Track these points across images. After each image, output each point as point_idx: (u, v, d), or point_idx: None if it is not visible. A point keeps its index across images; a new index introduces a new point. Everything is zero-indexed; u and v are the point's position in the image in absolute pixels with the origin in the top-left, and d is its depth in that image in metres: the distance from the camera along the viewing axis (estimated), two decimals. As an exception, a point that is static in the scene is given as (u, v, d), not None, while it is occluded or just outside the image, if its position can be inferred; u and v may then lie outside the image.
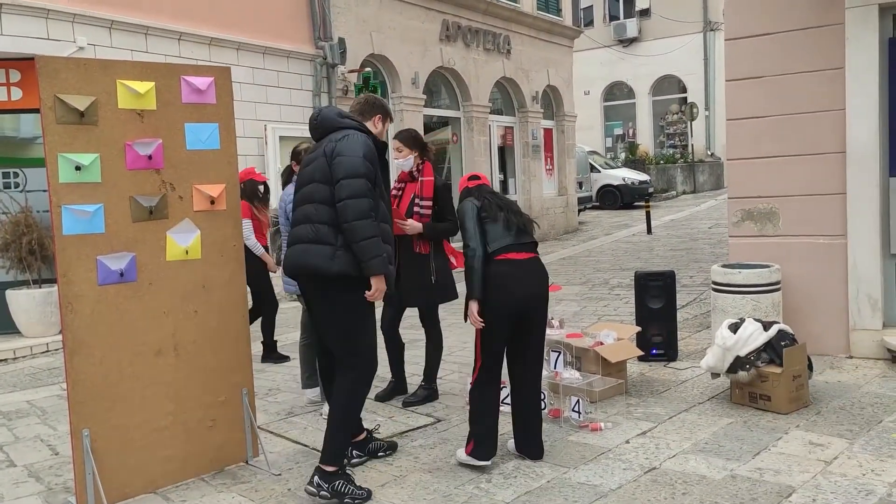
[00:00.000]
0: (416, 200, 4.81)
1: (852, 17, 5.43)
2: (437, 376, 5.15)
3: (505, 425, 4.04)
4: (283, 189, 5.21)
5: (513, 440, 3.99)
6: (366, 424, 4.12)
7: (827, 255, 5.65)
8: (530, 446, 3.92)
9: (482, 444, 3.80)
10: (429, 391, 5.06)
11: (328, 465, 3.53)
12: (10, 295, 7.73)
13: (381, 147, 3.77)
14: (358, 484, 3.57)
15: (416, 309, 5.05)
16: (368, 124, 3.86)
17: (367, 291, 3.55)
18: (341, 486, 3.49)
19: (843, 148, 5.52)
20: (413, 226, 4.74)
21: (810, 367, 4.67)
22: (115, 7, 8.45)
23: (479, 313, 3.75)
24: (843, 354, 5.60)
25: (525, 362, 3.92)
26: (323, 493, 3.48)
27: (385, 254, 3.57)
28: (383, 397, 5.12)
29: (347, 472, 3.63)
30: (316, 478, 3.52)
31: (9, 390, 6.23)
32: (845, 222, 5.56)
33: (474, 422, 3.85)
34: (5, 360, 7.39)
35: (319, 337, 3.99)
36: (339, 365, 3.69)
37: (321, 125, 3.78)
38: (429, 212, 4.81)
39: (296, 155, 4.98)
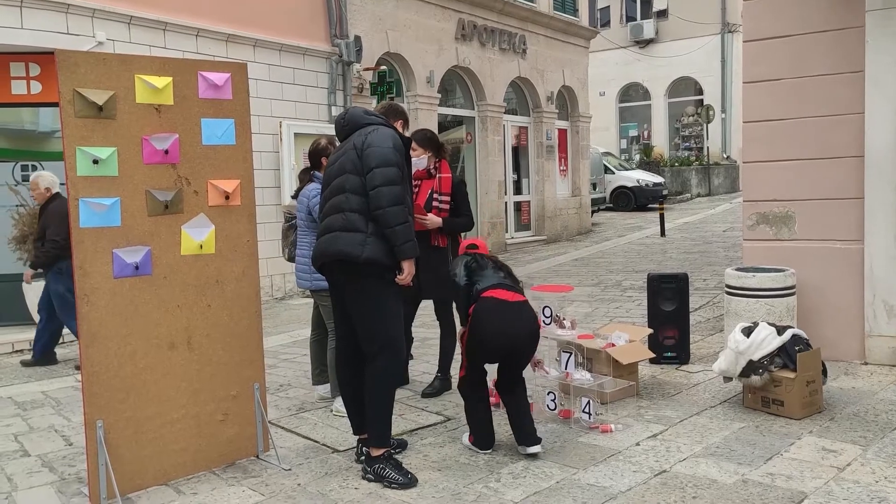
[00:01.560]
0: (435, 196, 5.00)
1: (872, 20, 5.38)
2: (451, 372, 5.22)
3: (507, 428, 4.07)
4: (297, 187, 5.19)
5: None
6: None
7: (843, 259, 5.60)
8: (526, 432, 3.97)
9: (479, 435, 4.05)
10: (444, 381, 5.19)
11: (373, 449, 3.74)
12: (27, 287, 7.79)
13: (406, 143, 3.90)
14: (402, 470, 3.70)
15: (430, 304, 5.20)
16: None
17: (398, 276, 3.69)
18: (380, 470, 3.68)
19: (861, 152, 5.48)
20: (433, 220, 4.92)
21: (824, 372, 4.63)
22: (134, 3, 8.52)
23: (463, 337, 3.97)
24: (858, 360, 5.56)
25: (514, 377, 4.06)
26: (367, 475, 3.72)
27: (415, 239, 3.72)
28: None
29: (393, 456, 3.79)
30: (364, 462, 3.79)
31: (24, 380, 6.30)
32: (862, 227, 5.51)
33: (468, 417, 4.09)
34: (21, 350, 7.48)
35: (338, 324, 4.04)
36: (367, 353, 3.78)
37: (349, 123, 3.89)
38: (447, 207, 5.02)
39: (314, 154, 4.94)
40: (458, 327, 4.40)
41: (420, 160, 4.96)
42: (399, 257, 3.65)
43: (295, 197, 5.06)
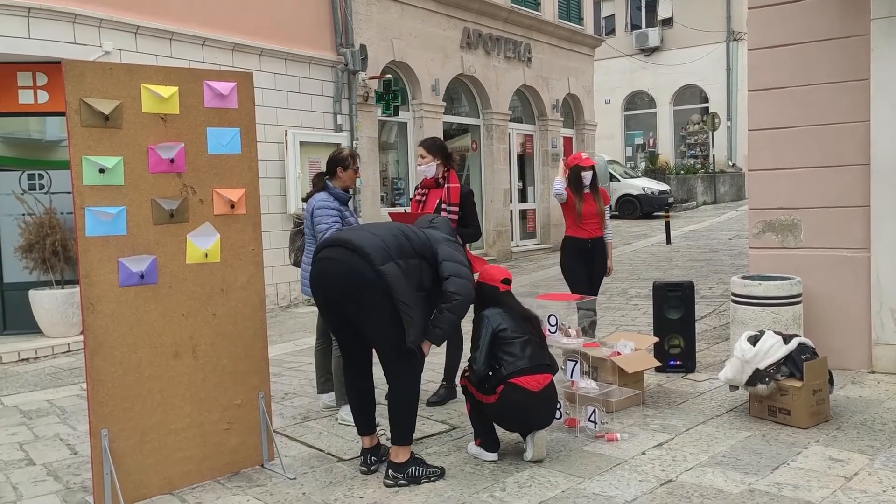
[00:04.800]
0: (444, 206, 4.99)
1: (877, 28, 5.37)
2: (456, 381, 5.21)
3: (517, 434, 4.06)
4: (309, 191, 5.13)
5: (528, 451, 4.00)
6: (379, 430, 4.13)
7: (849, 268, 5.58)
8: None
9: (486, 437, 4.08)
10: (449, 390, 5.18)
11: (399, 453, 3.77)
12: (33, 295, 7.83)
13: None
14: (431, 465, 3.84)
15: None
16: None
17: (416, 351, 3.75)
18: (415, 471, 3.77)
19: (867, 160, 5.46)
20: None
21: (831, 381, 4.61)
22: (140, 13, 8.57)
23: (478, 392, 3.97)
24: (865, 369, 5.53)
25: None
26: (401, 482, 3.74)
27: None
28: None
29: (416, 456, 3.85)
30: (390, 471, 3.77)
31: (30, 389, 6.31)
32: (868, 235, 5.49)
33: (473, 419, 4.15)
34: (27, 359, 7.49)
35: (335, 332, 4.07)
36: (386, 373, 3.83)
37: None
38: (456, 217, 5.00)
39: (334, 160, 4.87)
40: (466, 326, 4.39)
41: (429, 168, 4.98)
42: (428, 337, 3.71)
43: (306, 200, 5.00)
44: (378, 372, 3.93)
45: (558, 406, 4.45)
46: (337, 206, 4.75)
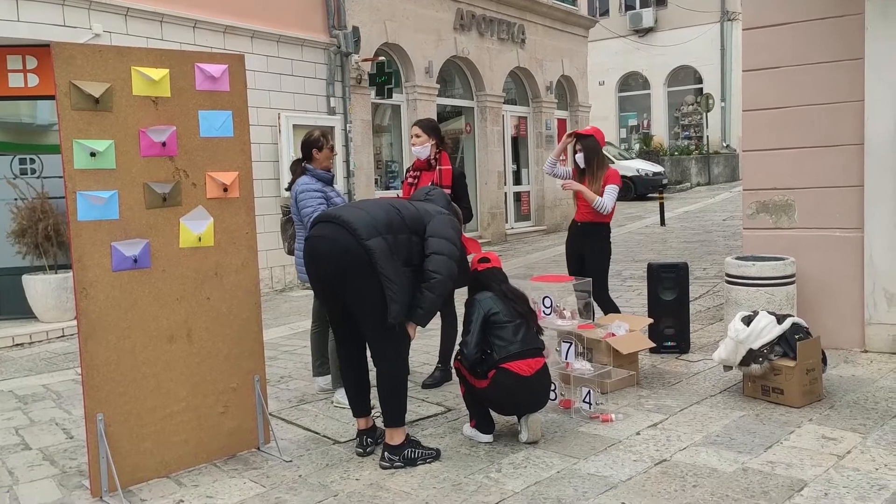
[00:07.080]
0: None
1: (872, 7, 5.35)
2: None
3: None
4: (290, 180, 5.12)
5: (522, 433, 4.02)
6: (375, 412, 4.14)
7: (843, 248, 5.60)
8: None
9: (481, 421, 4.08)
10: (445, 372, 5.19)
11: (393, 435, 3.77)
12: (27, 280, 7.80)
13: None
14: (427, 447, 3.87)
15: None
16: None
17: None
18: (411, 453, 3.78)
19: (861, 140, 5.46)
20: None
21: (824, 360, 4.64)
22: (130, -6, 8.49)
23: (470, 375, 3.98)
24: (858, 348, 5.56)
25: None
26: (397, 464, 3.75)
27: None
28: None
29: (412, 438, 3.87)
30: (386, 453, 3.78)
31: (25, 374, 6.31)
32: (862, 215, 5.50)
33: (468, 400, 4.17)
34: (21, 344, 7.48)
35: (328, 312, 4.06)
36: (373, 354, 3.82)
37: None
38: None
39: (307, 144, 4.90)
40: (460, 315, 4.40)
41: (423, 149, 5.00)
42: (411, 317, 3.66)
43: (289, 189, 5.02)
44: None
45: (553, 388, 4.48)
46: (320, 187, 4.75)
